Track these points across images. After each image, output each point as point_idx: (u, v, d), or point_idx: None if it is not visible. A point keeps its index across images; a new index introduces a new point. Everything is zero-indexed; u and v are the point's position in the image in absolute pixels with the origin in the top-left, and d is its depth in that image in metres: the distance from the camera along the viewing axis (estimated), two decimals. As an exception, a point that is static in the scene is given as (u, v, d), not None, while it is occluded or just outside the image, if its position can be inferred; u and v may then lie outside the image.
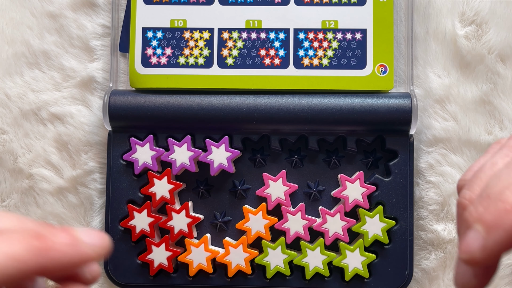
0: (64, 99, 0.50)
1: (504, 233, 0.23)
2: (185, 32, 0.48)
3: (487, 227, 0.24)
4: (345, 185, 0.46)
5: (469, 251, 0.24)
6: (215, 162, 0.46)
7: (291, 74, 0.47)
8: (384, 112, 0.46)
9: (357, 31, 0.47)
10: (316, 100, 0.47)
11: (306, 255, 0.46)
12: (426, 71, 0.49)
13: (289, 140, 0.48)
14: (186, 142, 0.47)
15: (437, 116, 0.48)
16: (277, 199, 0.47)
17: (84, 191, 0.49)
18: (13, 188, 0.50)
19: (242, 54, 0.48)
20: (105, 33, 0.50)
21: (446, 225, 0.48)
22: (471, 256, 0.24)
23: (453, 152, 0.48)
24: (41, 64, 0.50)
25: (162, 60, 0.48)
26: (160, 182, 0.46)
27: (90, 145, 0.49)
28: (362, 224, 0.46)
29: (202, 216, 0.48)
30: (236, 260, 0.47)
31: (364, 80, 0.47)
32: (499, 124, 0.48)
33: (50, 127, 0.50)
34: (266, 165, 0.48)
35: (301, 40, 0.48)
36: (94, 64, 0.50)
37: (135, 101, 0.47)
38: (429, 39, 0.49)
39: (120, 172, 0.48)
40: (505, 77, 0.48)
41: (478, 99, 0.48)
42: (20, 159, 0.50)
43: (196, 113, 0.47)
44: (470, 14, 0.48)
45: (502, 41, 0.48)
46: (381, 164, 0.48)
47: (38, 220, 0.50)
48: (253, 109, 0.47)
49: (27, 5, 0.50)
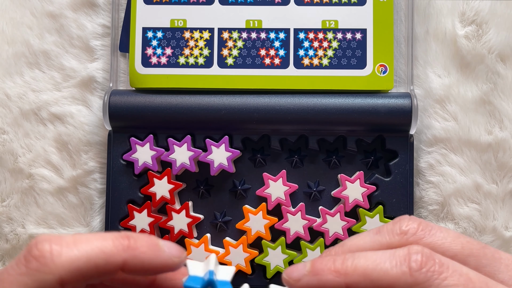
0: (64, 99, 0.50)
1: (317, 282, 0.27)
2: (185, 32, 0.48)
3: (313, 270, 0.28)
4: (345, 185, 0.46)
5: (291, 276, 0.28)
6: (215, 162, 0.46)
7: (291, 74, 0.47)
8: (384, 112, 0.46)
9: (357, 31, 0.47)
10: (316, 100, 0.47)
11: (306, 255, 0.46)
12: (426, 71, 0.49)
13: (289, 140, 0.48)
14: (186, 142, 0.47)
15: (437, 116, 0.48)
16: (277, 199, 0.47)
17: (84, 191, 0.49)
18: (13, 188, 0.50)
19: (242, 54, 0.48)
20: (105, 33, 0.50)
21: (446, 225, 0.48)
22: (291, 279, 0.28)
23: (453, 152, 0.48)
24: (41, 64, 0.50)
25: (162, 60, 0.48)
26: (160, 182, 0.47)
27: (90, 145, 0.49)
28: (362, 224, 0.46)
29: (202, 216, 0.48)
30: (236, 260, 0.47)
31: (364, 80, 0.47)
32: (499, 124, 0.48)
33: (50, 127, 0.50)
34: (266, 165, 0.48)
35: (301, 40, 0.48)
36: (94, 64, 0.50)
37: (135, 101, 0.47)
38: (429, 39, 0.49)
39: (120, 172, 0.48)
40: (505, 77, 0.48)
41: (478, 99, 0.48)
42: (20, 159, 0.50)
43: (196, 113, 0.47)
44: (470, 14, 0.48)
45: (502, 41, 0.48)
46: (381, 164, 0.48)
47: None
48: (253, 109, 0.47)
49: (27, 5, 0.50)
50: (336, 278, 0.27)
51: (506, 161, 0.48)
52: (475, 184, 0.48)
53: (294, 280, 0.28)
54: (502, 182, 0.48)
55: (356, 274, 0.27)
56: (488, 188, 0.48)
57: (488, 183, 0.48)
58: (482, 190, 0.48)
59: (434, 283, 0.25)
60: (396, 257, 0.26)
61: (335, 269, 0.27)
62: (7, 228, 0.49)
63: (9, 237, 0.49)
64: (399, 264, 0.26)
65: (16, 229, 0.49)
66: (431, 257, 0.26)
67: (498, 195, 0.48)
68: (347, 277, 0.27)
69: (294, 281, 0.28)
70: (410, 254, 0.26)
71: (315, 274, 0.27)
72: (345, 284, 0.27)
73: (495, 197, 0.48)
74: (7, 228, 0.49)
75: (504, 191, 0.48)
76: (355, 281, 0.27)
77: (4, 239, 0.49)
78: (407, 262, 0.26)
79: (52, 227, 0.49)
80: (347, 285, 0.27)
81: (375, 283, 0.26)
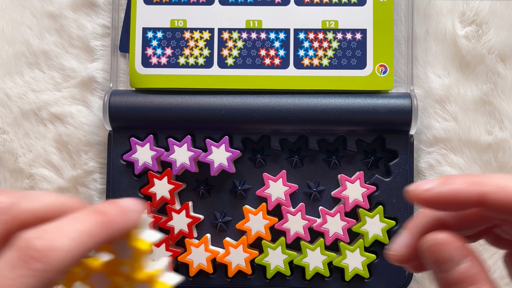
0: (64, 99, 0.50)
1: (449, 189, 0.26)
2: (185, 32, 0.48)
3: (445, 180, 0.26)
4: (345, 185, 0.46)
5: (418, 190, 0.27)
6: (215, 162, 0.46)
7: (291, 74, 0.47)
8: (384, 112, 0.46)
9: (357, 31, 0.47)
10: (316, 100, 0.47)
11: (306, 255, 0.46)
12: (426, 71, 0.49)
13: (289, 140, 0.48)
14: (186, 142, 0.47)
15: (437, 116, 0.48)
16: (277, 199, 0.47)
17: (84, 191, 0.49)
18: (13, 188, 0.50)
19: (242, 54, 0.48)
20: (105, 33, 0.50)
21: (446, 225, 0.48)
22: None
23: (453, 152, 0.48)
24: (41, 64, 0.50)
25: (162, 60, 0.48)
26: (160, 182, 0.47)
27: (90, 145, 0.49)
28: (362, 224, 0.46)
29: (202, 216, 0.48)
30: (236, 260, 0.47)
31: (364, 80, 0.47)
32: (499, 124, 0.48)
33: (50, 127, 0.50)
34: (266, 165, 0.48)
35: (301, 40, 0.48)
36: (94, 64, 0.50)
37: (135, 101, 0.47)
38: (429, 39, 0.49)
39: (120, 172, 0.48)
40: (505, 77, 0.48)
41: (478, 99, 0.48)
42: (20, 159, 0.50)
43: (196, 113, 0.47)
44: (470, 14, 0.48)
45: (502, 41, 0.48)
46: (381, 164, 0.48)
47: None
48: (253, 109, 0.47)
49: (27, 5, 0.50)
50: (470, 187, 0.26)
51: (506, 161, 0.48)
52: (475, 184, 0.48)
53: (424, 189, 0.26)
54: (502, 182, 0.48)
55: (492, 185, 0.25)
56: (488, 188, 0.48)
57: (488, 183, 0.48)
58: (482, 190, 0.48)
59: None
60: None
61: (470, 179, 0.26)
62: (7, 228, 0.49)
63: (9, 237, 0.49)
64: None
65: (16, 229, 0.49)
66: None
67: (498, 195, 0.48)
68: (483, 186, 0.26)
69: (424, 190, 0.26)
70: None
71: (447, 183, 0.26)
72: (479, 193, 0.26)
73: (495, 197, 0.48)
74: (7, 228, 0.49)
75: (504, 191, 0.48)
76: (491, 191, 0.25)
77: (4, 239, 0.49)
78: None
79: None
80: (480, 195, 0.26)
81: (511, 197, 0.25)
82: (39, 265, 0.23)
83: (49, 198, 0.27)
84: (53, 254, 0.24)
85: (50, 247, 0.24)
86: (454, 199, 0.26)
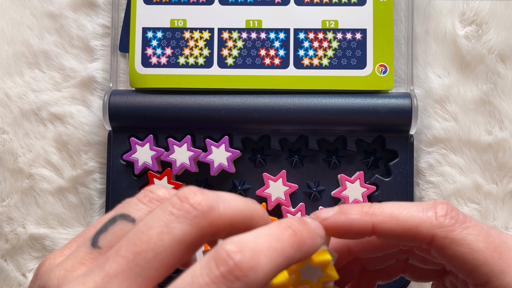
0: (64, 99, 0.50)
1: (344, 220, 0.28)
2: (185, 32, 0.48)
3: (341, 210, 0.28)
4: (345, 185, 0.46)
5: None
6: (215, 162, 0.46)
7: (291, 74, 0.47)
8: (384, 112, 0.46)
9: (357, 31, 0.47)
10: (316, 100, 0.47)
11: (306, 255, 0.46)
12: (426, 71, 0.49)
13: (289, 140, 0.48)
14: (186, 142, 0.47)
15: (437, 116, 0.48)
16: (277, 199, 0.47)
17: (84, 191, 0.49)
18: (13, 188, 0.50)
19: (242, 54, 0.48)
20: (105, 33, 0.50)
21: (446, 225, 0.48)
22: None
23: (453, 152, 0.48)
24: (41, 64, 0.50)
25: (162, 60, 0.48)
26: (160, 182, 0.47)
27: (90, 145, 0.49)
28: (362, 224, 0.46)
29: (202, 216, 0.48)
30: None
31: (364, 80, 0.47)
32: (499, 124, 0.48)
33: (50, 127, 0.50)
34: (266, 165, 0.48)
35: (301, 40, 0.48)
36: (94, 64, 0.50)
37: (135, 101, 0.47)
38: (429, 39, 0.49)
39: (120, 172, 0.48)
40: (505, 77, 0.48)
41: (478, 99, 0.48)
42: (20, 159, 0.50)
43: (196, 113, 0.47)
44: (470, 14, 0.48)
45: (502, 41, 0.48)
46: (381, 164, 0.48)
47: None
48: (253, 109, 0.47)
49: (27, 5, 0.50)
50: (363, 217, 0.28)
51: (506, 161, 0.48)
52: (475, 184, 0.48)
53: (322, 219, 0.28)
54: (502, 182, 0.48)
55: (382, 215, 0.28)
56: (488, 188, 0.48)
57: (488, 183, 0.48)
58: (482, 190, 0.48)
59: (457, 229, 0.27)
60: (423, 205, 0.28)
61: (362, 210, 0.28)
62: (7, 228, 0.49)
63: (9, 237, 0.49)
64: (425, 210, 0.27)
65: (16, 229, 0.49)
66: (456, 209, 0.28)
67: (498, 195, 0.48)
68: (374, 217, 0.28)
69: (321, 219, 0.28)
70: (436, 203, 0.28)
71: (343, 214, 0.28)
72: (371, 223, 0.27)
73: (495, 197, 0.48)
74: (7, 228, 0.49)
75: (504, 191, 0.48)
76: (381, 220, 0.27)
77: (4, 239, 0.49)
78: (434, 209, 0.27)
79: (52, 227, 0.49)
80: (373, 224, 0.27)
81: (400, 223, 0.27)
82: (239, 284, 0.22)
83: (239, 203, 0.25)
84: (253, 274, 0.22)
85: (251, 267, 0.22)
86: (349, 229, 0.28)
